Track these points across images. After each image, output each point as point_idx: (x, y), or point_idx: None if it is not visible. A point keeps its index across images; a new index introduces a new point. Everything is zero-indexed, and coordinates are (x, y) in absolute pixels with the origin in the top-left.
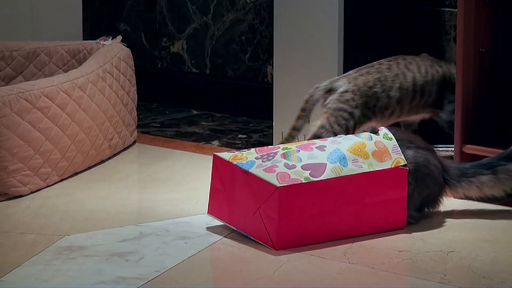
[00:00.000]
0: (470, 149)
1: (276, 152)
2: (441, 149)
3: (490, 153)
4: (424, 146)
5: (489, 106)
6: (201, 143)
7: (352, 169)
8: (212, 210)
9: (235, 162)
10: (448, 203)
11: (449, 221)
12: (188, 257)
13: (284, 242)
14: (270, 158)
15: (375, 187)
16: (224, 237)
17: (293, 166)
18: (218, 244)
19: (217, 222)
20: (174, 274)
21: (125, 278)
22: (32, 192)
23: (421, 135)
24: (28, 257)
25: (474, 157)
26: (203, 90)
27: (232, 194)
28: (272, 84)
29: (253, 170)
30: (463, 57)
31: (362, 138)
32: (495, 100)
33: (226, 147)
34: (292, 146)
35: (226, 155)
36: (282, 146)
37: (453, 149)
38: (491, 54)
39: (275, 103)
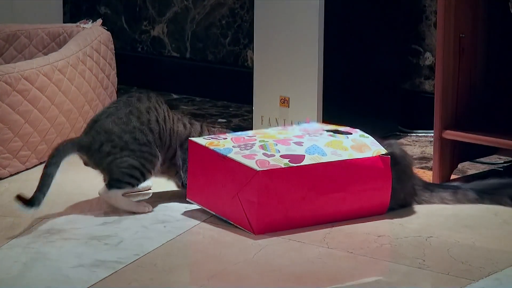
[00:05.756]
0: (450, 134)
1: (254, 143)
2: (420, 134)
3: (469, 138)
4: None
5: (469, 92)
6: None
7: (331, 157)
8: (190, 195)
9: (211, 147)
10: None
11: (428, 207)
12: (167, 241)
13: (263, 226)
14: (248, 148)
15: (357, 175)
16: (203, 221)
17: (272, 155)
18: (197, 228)
19: (196, 206)
20: (153, 258)
21: (104, 261)
22: (11, 175)
23: (402, 118)
24: (6, 240)
25: (454, 143)
26: (183, 74)
27: (210, 179)
28: (252, 68)
29: (231, 155)
30: (443, 42)
31: (338, 138)
32: (474, 86)
33: None
34: (269, 139)
35: (202, 140)
36: (259, 138)
37: (432, 135)
38: (471, 40)
39: (255, 88)
